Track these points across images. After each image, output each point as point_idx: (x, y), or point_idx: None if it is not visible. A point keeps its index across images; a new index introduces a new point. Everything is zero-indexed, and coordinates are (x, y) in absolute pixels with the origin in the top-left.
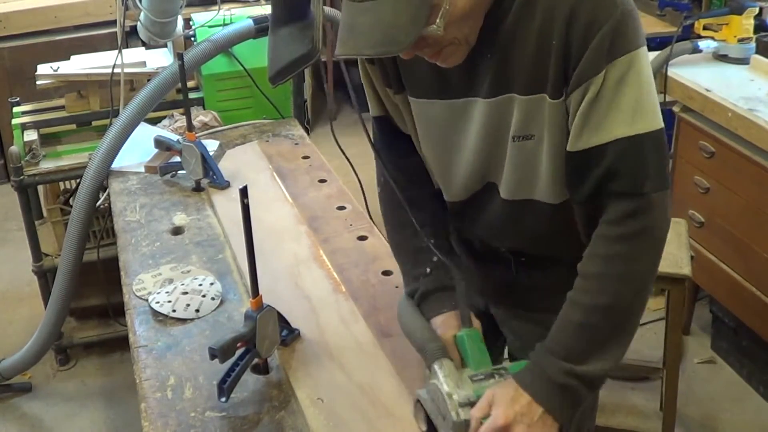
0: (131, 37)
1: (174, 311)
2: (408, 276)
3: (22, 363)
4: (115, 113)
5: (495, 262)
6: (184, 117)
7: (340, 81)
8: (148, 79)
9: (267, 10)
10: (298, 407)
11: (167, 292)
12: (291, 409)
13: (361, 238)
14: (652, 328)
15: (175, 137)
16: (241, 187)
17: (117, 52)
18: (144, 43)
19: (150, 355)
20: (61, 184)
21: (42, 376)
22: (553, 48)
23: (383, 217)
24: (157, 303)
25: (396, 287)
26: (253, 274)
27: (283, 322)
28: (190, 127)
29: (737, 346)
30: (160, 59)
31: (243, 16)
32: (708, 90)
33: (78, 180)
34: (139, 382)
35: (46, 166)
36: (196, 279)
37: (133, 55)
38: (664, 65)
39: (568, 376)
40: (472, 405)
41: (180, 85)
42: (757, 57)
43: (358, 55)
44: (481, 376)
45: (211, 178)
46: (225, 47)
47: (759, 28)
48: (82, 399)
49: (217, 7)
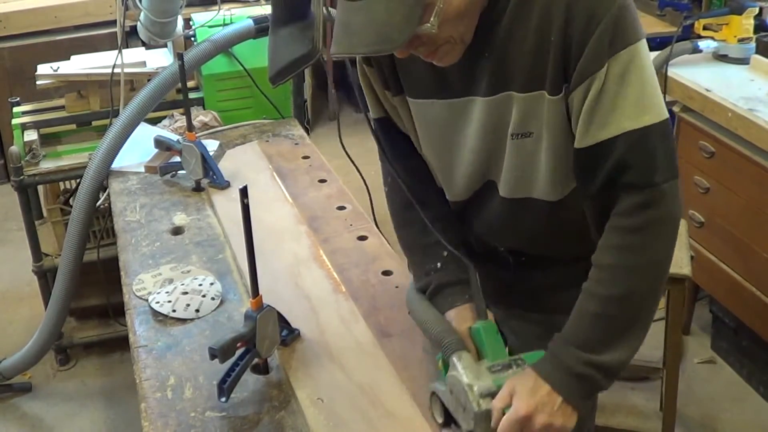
0: (131, 37)
1: (174, 311)
2: (419, 271)
3: (22, 363)
4: (115, 113)
5: (494, 262)
6: (184, 117)
7: (341, 81)
8: (148, 79)
9: (267, 10)
10: (298, 407)
11: (167, 292)
12: (291, 409)
13: (361, 238)
14: (652, 328)
15: (175, 137)
16: (241, 187)
17: (117, 52)
18: (144, 43)
19: (150, 355)
20: (61, 184)
21: (42, 376)
22: (552, 44)
23: (391, 216)
24: (157, 303)
25: (396, 287)
26: (253, 274)
27: (283, 322)
28: (190, 127)
29: (737, 346)
30: (160, 59)
31: (243, 16)
32: (708, 90)
33: (78, 180)
34: (139, 382)
35: (46, 166)
36: (196, 279)
37: (133, 55)
38: (664, 65)
39: (585, 366)
40: (492, 395)
41: (180, 85)
42: (757, 57)
43: (353, 54)
44: (499, 367)
45: (211, 178)
46: (225, 47)
47: (759, 28)
48: (82, 399)
49: (217, 7)
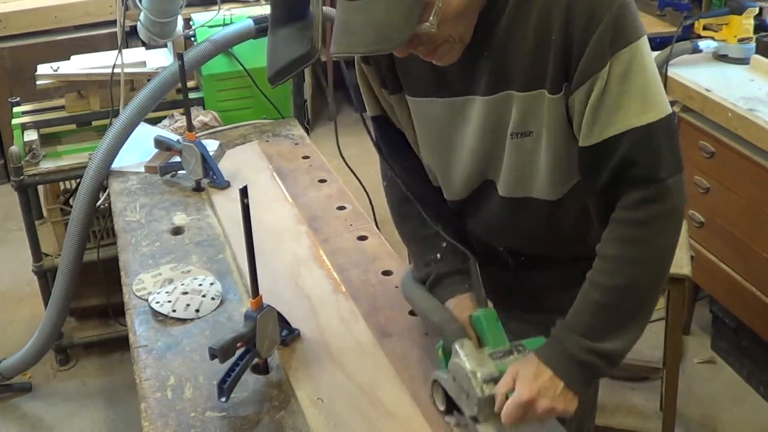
0: (131, 37)
1: (174, 311)
2: (419, 262)
3: (22, 363)
4: (115, 113)
5: (494, 263)
6: (184, 117)
7: (340, 81)
8: (148, 79)
9: (267, 10)
10: (298, 407)
11: (167, 292)
12: (291, 409)
13: (361, 238)
14: (652, 328)
15: (175, 137)
16: (241, 187)
17: (117, 52)
18: (144, 43)
19: (150, 355)
20: (61, 184)
21: (42, 376)
22: (552, 44)
23: (390, 210)
24: (157, 303)
25: (396, 287)
26: (253, 274)
27: (283, 322)
28: (190, 127)
29: (737, 346)
30: (160, 59)
31: (243, 16)
32: (708, 90)
33: (78, 180)
34: (139, 382)
35: (46, 166)
36: (196, 279)
37: (133, 55)
38: (664, 65)
39: (587, 353)
40: (495, 381)
41: (180, 85)
42: (757, 57)
43: (352, 54)
44: (501, 353)
45: (211, 178)
46: (225, 47)
47: (759, 28)
48: (82, 399)
49: (217, 7)
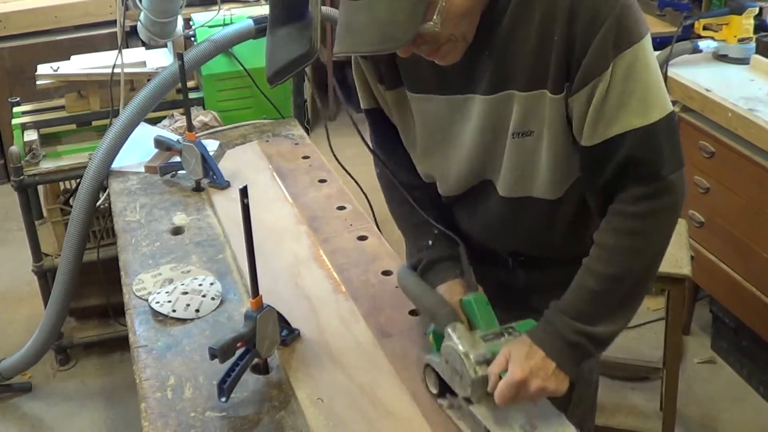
0: (131, 37)
1: (174, 311)
2: (411, 247)
3: (22, 363)
4: (115, 113)
5: (493, 263)
6: (184, 117)
7: (342, 81)
8: (148, 79)
9: (267, 10)
10: (298, 407)
11: (167, 292)
12: (291, 409)
13: (361, 238)
14: (652, 328)
15: (175, 137)
16: (241, 187)
17: (117, 52)
18: (144, 43)
19: (150, 355)
20: (61, 184)
21: (42, 376)
22: (555, 44)
23: (384, 195)
24: (157, 303)
25: (396, 287)
26: (253, 274)
27: (283, 322)
28: (190, 127)
29: (737, 346)
30: (160, 59)
31: (243, 16)
32: (708, 90)
33: (78, 180)
34: (139, 382)
35: (46, 166)
36: (196, 279)
37: (133, 55)
38: (664, 65)
39: (578, 335)
40: (487, 362)
41: (180, 85)
42: (757, 57)
43: (356, 53)
44: (492, 336)
45: (211, 178)
46: (225, 47)
47: (759, 28)
48: (82, 399)
49: (217, 7)
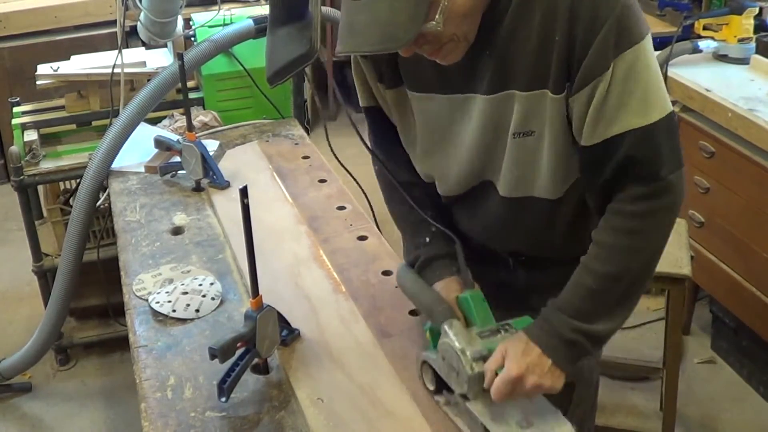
0: (131, 37)
1: (174, 311)
2: (409, 244)
3: (22, 363)
4: (115, 113)
5: (493, 263)
6: (184, 117)
7: (341, 81)
8: (148, 79)
9: (267, 10)
10: (298, 407)
11: (167, 292)
12: (291, 409)
13: (361, 238)
14: (652, 328)
15: (175, 137)
16: (241, 187)
17: (117, 52)
18: (144, 43)
19: (150, 355)
20: (61, 184)
21: (42, 376)
22: (556, 44)
23: (382, 193)
24: (157, 303)
25: (396, 287)
26: (253, 274)
27: (283, 322)
28: (190, 127)
29: (737, 346)
30: (160, 59)
31: (243, 16)
32: (708, 90)
33: (78, 180)
34: (139, 382)
35: (46, 166)
36: (196, 279)
37: (133, 55)
38: (664, 65)
39: (575, 333)
40: (484, 359)
41: (180, 85)
42: (757, 57)
43: (358, 53)
44: (488, 332)
45: (211, 178)
46: (225, 47)
47: (759, 28)
48: (82, 399)
49: (217, 7)
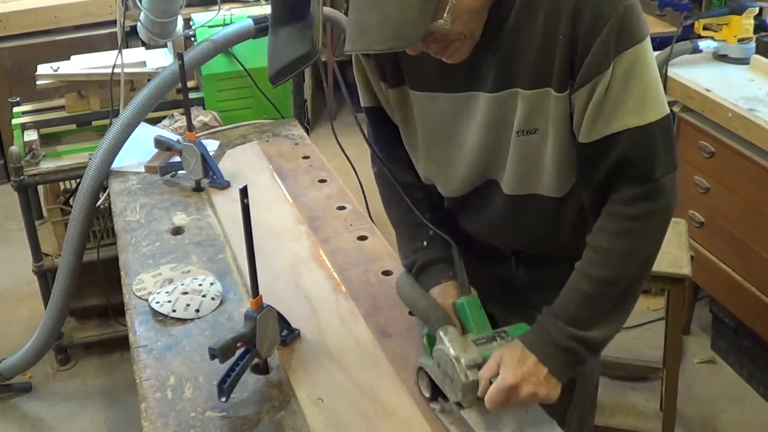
0: (131, 37)
1: (174, 311)
2: (405, 249)
3: (22, 363)
4: (115, 113)
5: (495, 260)
6: (184, 117)
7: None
8: (148, 79)
9: (267, 10)
10: (298, 407)
11: (167, 292)
12: (291, 409)
13: (361, 238)
14: (652, 328)
15: (175, 137)
16: (241, 187)
17: (117, 52)
18: (144, 43)
19: (150, 355)
20: (61, 184)
21: (42, 376)
22: (559, 43)
23: (380, 195)
24: (157, 303)
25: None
26: (253, 274)
27: (283, 322)
28: (190, 127)
29: (737, 346)
30: (160, 59)
31: (243, 16)
32: (708, 90)
33: (78, 180)
34: (139, 382)
35: (46, 166)
36: (196, 279)
37: (133, 55)
38: (664, 65)
39: (571, 340)
40: (478, 367)
41: (180, 85)
42: (757, 57)
43: (368, 51)
44: (484, 340)
45: (211, 178)
46: (225, 47)
47: (759, 28)
48: (82, 399)
49: (217, 7)
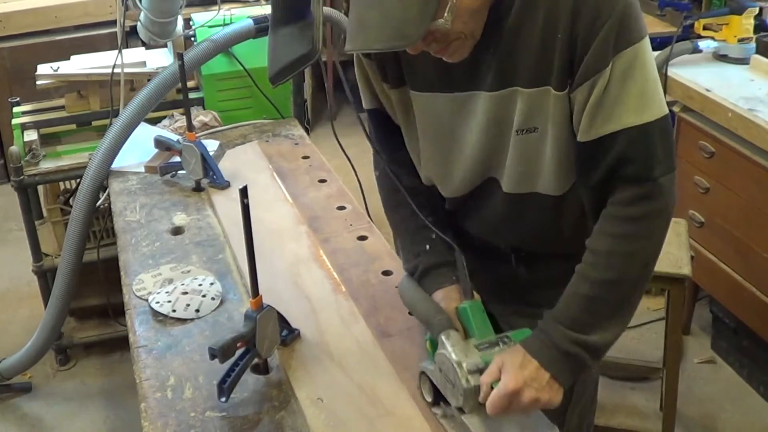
0: (131, 37)
1: (174, 311)
2: (408, 253)
3: (22, 363)
4: (115, 113)
5: (495, 258)
6: (184, 117)
7: (339, 81)
8: (148, 79)
9: (267, 10)
10: (298, 407)
11: (167, 292)
12: (291, 409)
13: (361, 238)
14: (652, 328)
15: (175, 137)
16: (241, 187)
17: (117, 52)
18: (144, 43)
19: (150, 355)
20: (61, 184)
21: (42, 376)
22: (559, 41)
23: (381, 200)
24: (157, 303)
25: (396, 287)
26: (253, 274)
27: (283, 322)
28: (190, 127)
29: (737, 346)
30: (160, 59)
31: (243, 16)
32: (708, 90)
33: (78, 180)
34: (139, 382)
35: (46, 166)
36: (196, 279)
37: (133, 55)
38: (664, 65)
39: (574, 345)
40: (480, 372)
41: (180, 85)
42: (757, 57)
43: (368, 50)
44: (486, 344)
45: (211, 178)
46: (225, 47)
47: (759, 28)
48: (82, 399)
49: (217, 7)
